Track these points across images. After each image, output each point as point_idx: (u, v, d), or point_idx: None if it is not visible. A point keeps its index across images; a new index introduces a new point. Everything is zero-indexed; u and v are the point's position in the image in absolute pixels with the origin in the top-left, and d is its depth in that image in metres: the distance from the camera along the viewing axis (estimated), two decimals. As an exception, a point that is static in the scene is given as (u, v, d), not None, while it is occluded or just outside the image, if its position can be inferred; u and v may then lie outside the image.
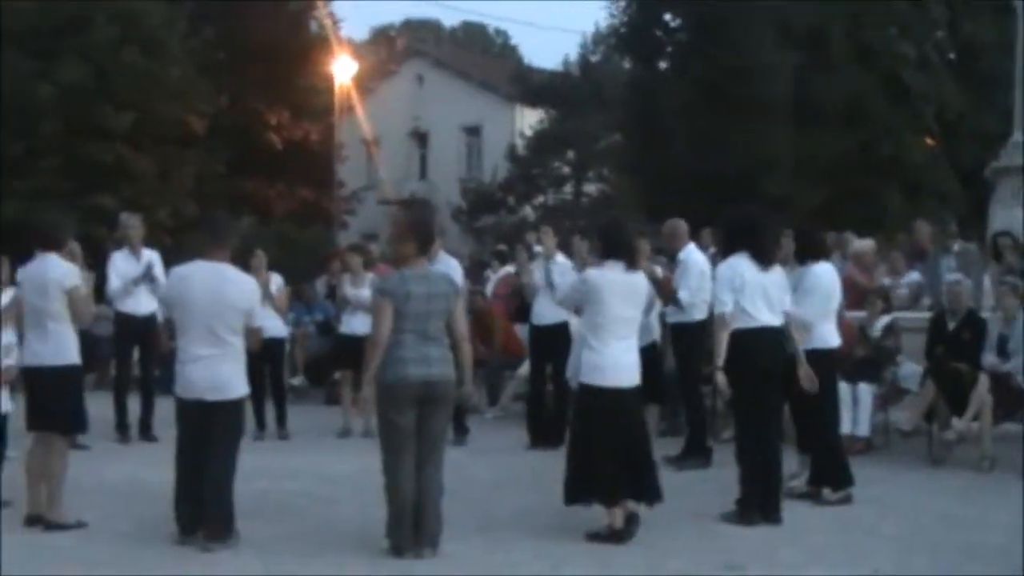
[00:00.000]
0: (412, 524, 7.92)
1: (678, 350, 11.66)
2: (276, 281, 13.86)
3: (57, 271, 8.84)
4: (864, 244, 15.06)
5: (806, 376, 9.14)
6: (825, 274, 9.87)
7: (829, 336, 9.78)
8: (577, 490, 8.52)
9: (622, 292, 8.47)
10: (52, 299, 8.75)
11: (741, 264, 9.11)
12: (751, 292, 9.05)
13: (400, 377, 7.85)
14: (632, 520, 8.32)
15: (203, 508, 8.17)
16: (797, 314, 9.50)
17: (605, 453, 8.35)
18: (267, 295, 13.39)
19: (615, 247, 8.60)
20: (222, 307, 8.18)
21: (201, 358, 8.18)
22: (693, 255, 11.61)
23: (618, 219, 9.33)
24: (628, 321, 8.55)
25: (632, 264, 8.63)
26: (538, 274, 12.79)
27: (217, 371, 8.17)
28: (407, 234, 8.16)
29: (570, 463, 8.59)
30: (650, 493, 8.50)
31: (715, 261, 14.04)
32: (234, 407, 8.31)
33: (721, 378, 8.96)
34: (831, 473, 9.69)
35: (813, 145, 27.93)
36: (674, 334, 11.62)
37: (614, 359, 8.40)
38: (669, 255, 12.24)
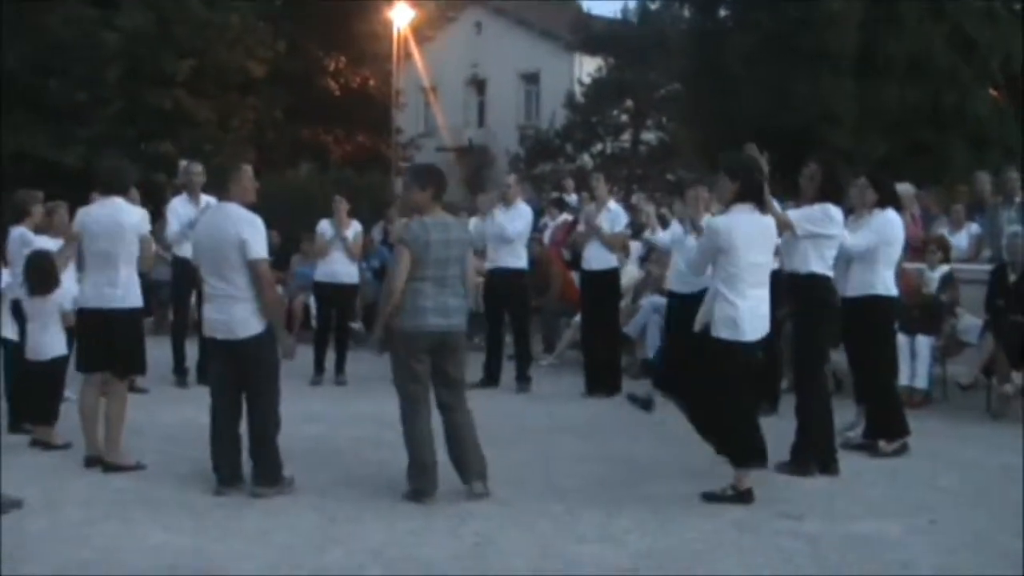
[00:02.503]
0: (434, 470, 8.04)
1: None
2: (355, 227, 14.08)
3: (132, 217, 9.06)
4: (899, 188, 14.74)
5: None
6: (888, 222, 9.68)
7: (888, 284, 9.63)
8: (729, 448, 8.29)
9: (753, 237, 8.04)
10: (128, 243, 8.94)
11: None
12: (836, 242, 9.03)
13: (419, 326, 7.93)
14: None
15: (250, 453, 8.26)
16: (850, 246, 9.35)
17: (739, 411, 8.14)
18: (344, 241, 13.69)
19: (747, 188, 8.14)
20: (217, 241, 8.15)
21: (213, 296, 8.24)
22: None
23: (750, 157, 8.67)
24: (761, 268, 8.12)
25: (763, 207, 8.20)
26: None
27: (225, 310, 8.15)
28: (422, 182, 8.14)
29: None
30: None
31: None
32: (248, 346, 8.14)
33: None
34: (885, 424, 9.63)
35: (877, 97, 27.55)
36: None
37: (751, 311, 7.98)
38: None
